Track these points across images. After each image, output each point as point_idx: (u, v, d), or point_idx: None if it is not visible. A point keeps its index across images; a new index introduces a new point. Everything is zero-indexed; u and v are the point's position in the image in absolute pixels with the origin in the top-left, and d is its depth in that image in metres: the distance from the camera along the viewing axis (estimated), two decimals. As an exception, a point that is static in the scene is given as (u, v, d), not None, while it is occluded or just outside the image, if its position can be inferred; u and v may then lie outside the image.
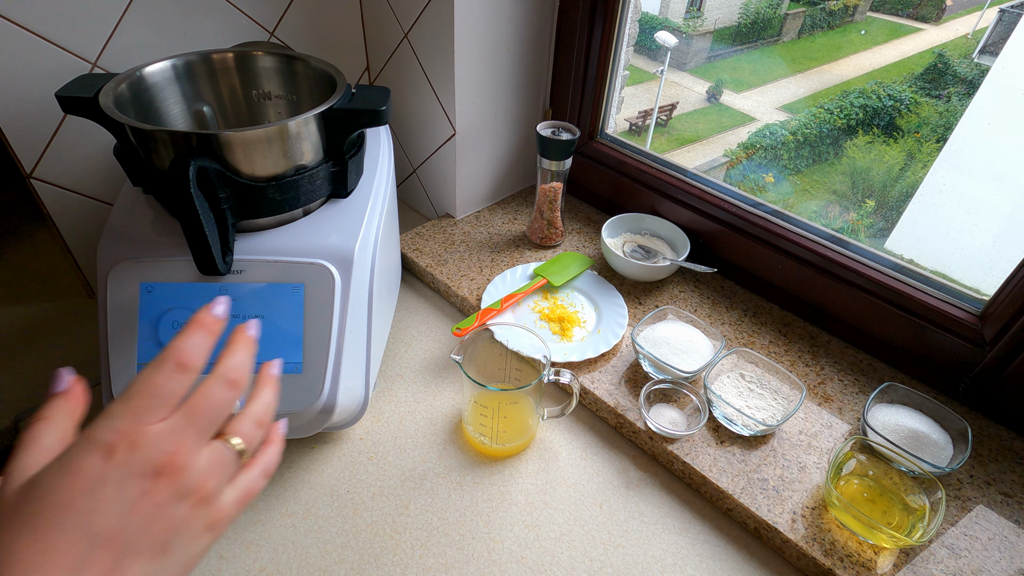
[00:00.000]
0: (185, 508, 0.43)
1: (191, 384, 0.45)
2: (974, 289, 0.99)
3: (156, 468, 0.41)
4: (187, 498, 0.43)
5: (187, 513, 0.43)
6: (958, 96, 1.89)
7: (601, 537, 0.85)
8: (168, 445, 0.42)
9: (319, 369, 0.80)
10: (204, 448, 0.45)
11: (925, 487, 0.82)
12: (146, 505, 0.41)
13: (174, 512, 0.42)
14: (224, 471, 0.46)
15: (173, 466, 0.42)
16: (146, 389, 0.43)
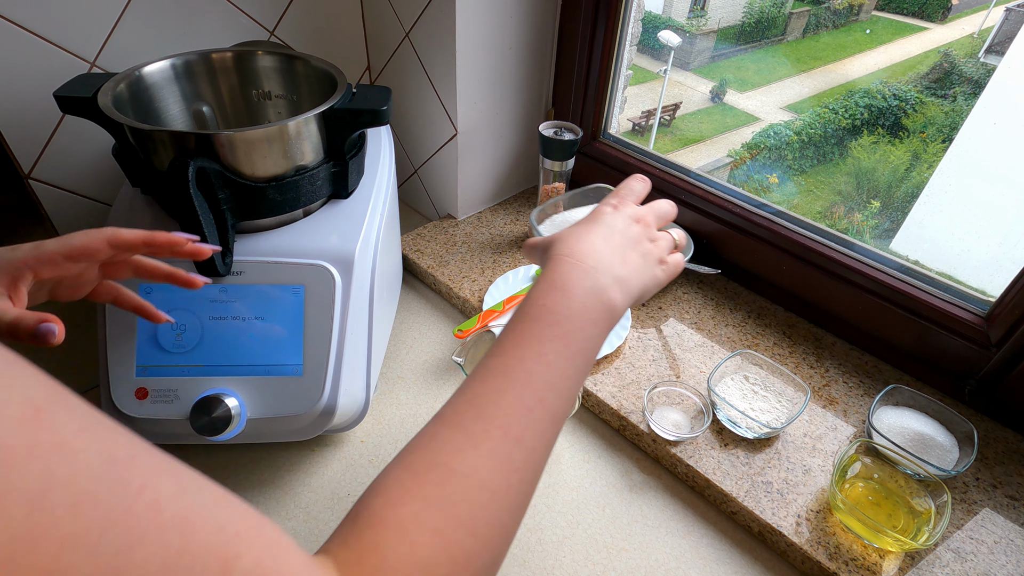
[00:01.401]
0: (649, 244, 0.68)
1: (647, 191, 0.74)
2: (980, 291, 0.98)
3: (637, 218, 0.69)
4: (651, 240, 0.68)
5: (650, 247, 0.68)
6: (964, 96, 1.88)
7: (604, 541, 0.84)
8: (640, 212, 0.70)
9: (319, 371, 0.80)
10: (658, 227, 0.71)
11: (930, 490, 0.82)
12: (634, 231, 0.67)
13: (645, 242, 0.68)
14: (666, 242, 0.71)
15: (644, 220, 0.69)
16: (625, 186, 0.72)
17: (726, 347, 1.07)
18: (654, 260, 0.68)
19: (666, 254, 0.70)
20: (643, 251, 0.67)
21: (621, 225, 0.67)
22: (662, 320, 1.12)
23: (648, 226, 0.70)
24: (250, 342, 0.79)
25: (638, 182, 0.74)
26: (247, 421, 0.78)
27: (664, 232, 0.72)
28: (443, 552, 0.43)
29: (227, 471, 0.90)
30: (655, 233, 0.70)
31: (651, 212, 0.71)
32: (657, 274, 0.68)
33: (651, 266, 0.67)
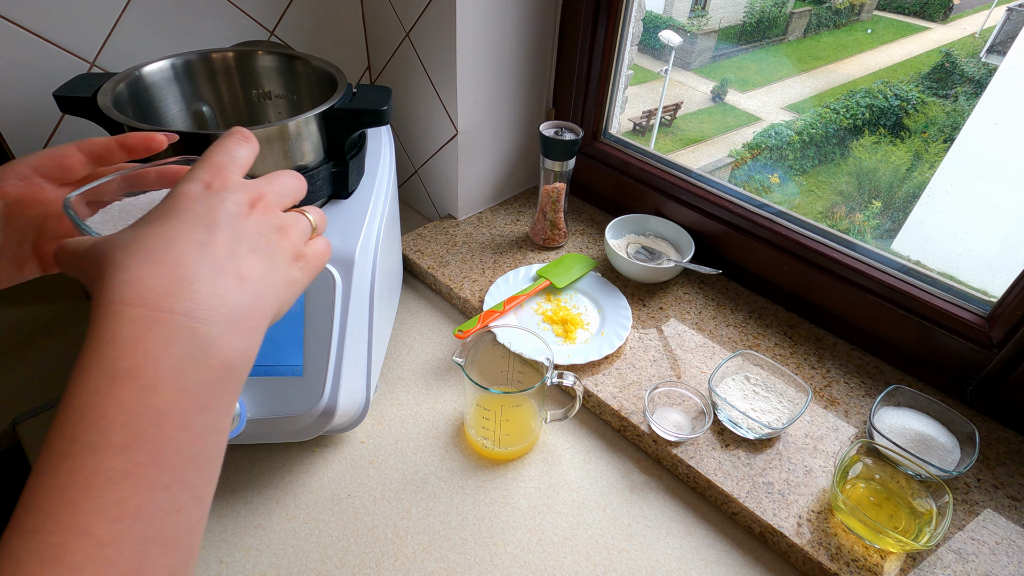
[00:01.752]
0: (277, 236, 0.49)
1: (255, 157, 0.52)
2: (981, 291, 0.98)
3: (251, 200, 0.48)
4: (277, 230, 0.49)
5: (280, 240, 0.49)
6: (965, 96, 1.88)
7: (605, 541, 0.84)
8: (255, 189, 0.49)
9: (320, 372, 0.79)
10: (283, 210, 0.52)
11: (932, 491, 0.81)
12: (249, 222, 0.46)
13: (271, 235, 0.48)
14: (301, 228, 0.52)
15: (263, 202, 0.49)
16: (222, 151, 0.50)
17: (727, 347, 1.07)
18: (286, 258, 0.49)
19: (303, 244, 0.52)
20: (268, 250, 0.47)
21: (225, 216, 0.45)
22: (663, 320, 1.12)
23: (268, 209, 0.49)
24: (250, 342, 0.79)
25: (240, 143, 0.51)
26: (247, 422, 0.78)
27: (293, 213, 0.53)
28: None
29: (227, 472, 0.90)
30: (281, 217, 0.50)
31: (269, 187, 0.50)
32: (294, 277, 0.50)
33: (283, 268, 0.49)
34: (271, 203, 0.49)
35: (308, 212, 0.54)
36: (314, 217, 0.54)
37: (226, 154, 0.49)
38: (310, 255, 0.52)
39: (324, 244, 0.54)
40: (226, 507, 0.85)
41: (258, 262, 0.46)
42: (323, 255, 0.54)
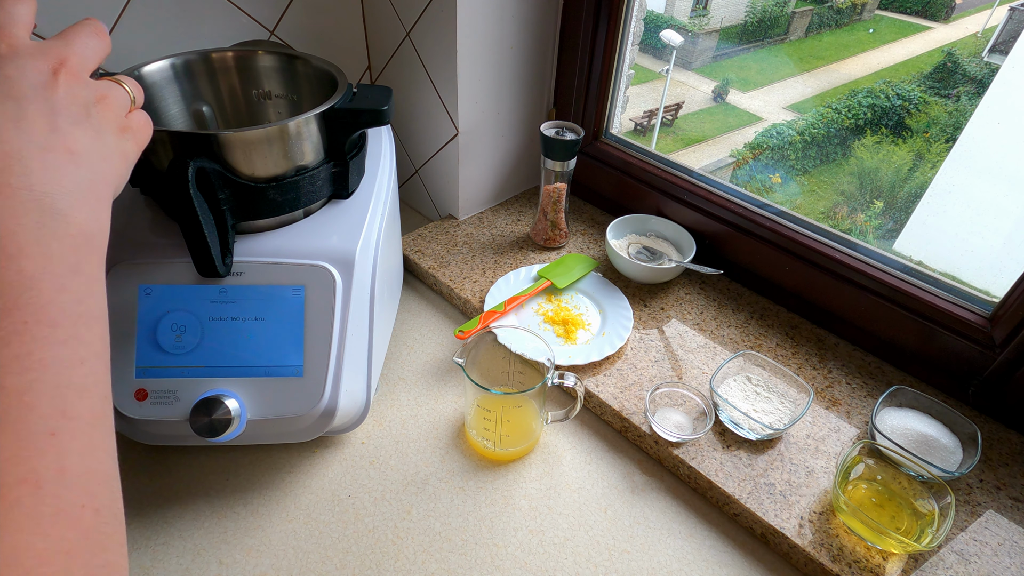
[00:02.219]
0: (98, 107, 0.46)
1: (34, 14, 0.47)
2: (984, 291, 0.98)
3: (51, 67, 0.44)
4: (96, 102, 0.46)
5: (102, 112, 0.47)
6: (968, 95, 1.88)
7: (606, 543, 0.84)
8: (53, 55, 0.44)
9: (320, 372, 0.79)
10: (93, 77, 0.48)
11: (934, 492, 0.81)
12: (56, 87, 0.43)
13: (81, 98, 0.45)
14: (119, 99, 0.49)
15: (67, 68, 0.44)
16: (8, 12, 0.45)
17: (729, 348, 1.07)
18: (113, 130, 0.48)
19: (124, 117, 0.50)
20: (91, 122, 0.45)
21: (30, 86, 0.42)
22: (664, 321, 1.12)
23: (76, 76, 0.45)
24: (250, 343, 0.79)
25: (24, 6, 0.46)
26: (247, 423, 0.78)
27: (107, 82, 0.50)
28: None
29: (227, 473, 0.90)
30: (96, 86, 0.48)
31: (68, 49, 0.46)
32: (126, 149, 0.49)
33: (112, 140, 0.47)
34: (76, 68, 0.46)
35: (124, 82, 0.51)
36: (130, 87, 0.52)
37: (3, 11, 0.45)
38: (135, 127, 0.51)
39: (144, 117, 0.53)
40: (226, 508, 0.85)
41: (84, 135, 0.44)
42: (147, 127, 0.53)
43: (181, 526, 0.83)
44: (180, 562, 0.79)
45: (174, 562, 0.79)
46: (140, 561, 0.79)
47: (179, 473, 0.89)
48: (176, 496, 0.86)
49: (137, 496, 0.86)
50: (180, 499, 0.86)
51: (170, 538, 0.82)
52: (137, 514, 0.84)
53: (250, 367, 0.78)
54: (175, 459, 0.91)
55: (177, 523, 0.83)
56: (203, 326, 0.78)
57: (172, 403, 0.77)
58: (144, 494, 0.86)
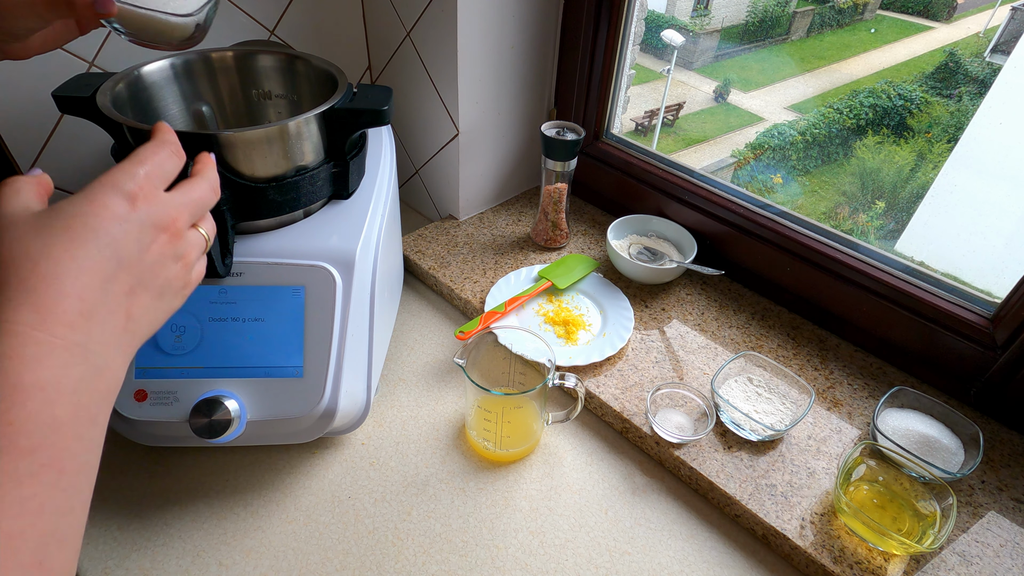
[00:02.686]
0: (176, 267, 0.52)
1: (181, 165, 0.55)
2: (986, 292, 0.98)
3: (164, 225, 0.50)
4: (178, 260, 0.52)
5: (176, 271, 0.52)
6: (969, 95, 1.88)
7: (607, 544, 0.84)
8: (173, 211, 0.51)
9: (320, 373, 0.79)
10: (191, 228, 0.55)
11: (936, 493, 0.81)
12: (154, 252, 0.49)
13: (170, 266, 0.51)
14: (199, 251, 0.56)
15: (175, 229, 0.51)
16: (154, 162, 0.51)
17: (730, 349, 1.07)
18: (175, 291, 0.53)
19: (194, 273, 0.56)
20: (161, 287, 0.51)
21: (137, 249, 0.47)
22: (665, 322, 1.12)
23: (178, 236, 0.52)
24: (250, 344, 0.78)
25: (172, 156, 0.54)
26: (247, 423, 0.78)
27: (194, 233, 0.55)
28: None
29: (227, 474, 0.89)
30: (185, 244, 0.53)
31: (185, 208, 0.53)
32: (174, 306, 0.54)
33: (168, 301, 0.52)
34: (181, 228, 0.52)
35: (202, 226, 0.57)
36: (207, 231, 0.57)
37: (158, 166, 0.51)
38: (193, 281, 0.56)
39: (203, 265, 0.58)
40: (226, 509, 0.85)
41: (149, 302, 0.49)
42: (200, 277, 0.58)
43: (180, 527, 0.83)
44: (180, 563, 0.79)
45: (173, 563, 0.79)
46: (139, 563, 0.79)
47: (178, 474, 0.89)
48: (176, 497, 0.86)
49: (136, 497, 0.86)
50: (180, 500, 0.86)
51: (169, 539, 0.81)
52: (136, 515, 0.84)
53: (250, 368, 0.78)
54: (175, 460, 0.90)
55: (176, 524, 0.83)
56: (203, 327, 0.78)
57: (172, 404, 0.77)
58: (143, 495, 0.86)
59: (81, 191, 0.47)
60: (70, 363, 0.42)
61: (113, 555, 0.79)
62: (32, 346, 0.40)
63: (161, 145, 0.53)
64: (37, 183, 0.50)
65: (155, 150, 0.52)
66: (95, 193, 0.46)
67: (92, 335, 0.44)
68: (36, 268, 0.42)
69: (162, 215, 0.50)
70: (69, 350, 0.42)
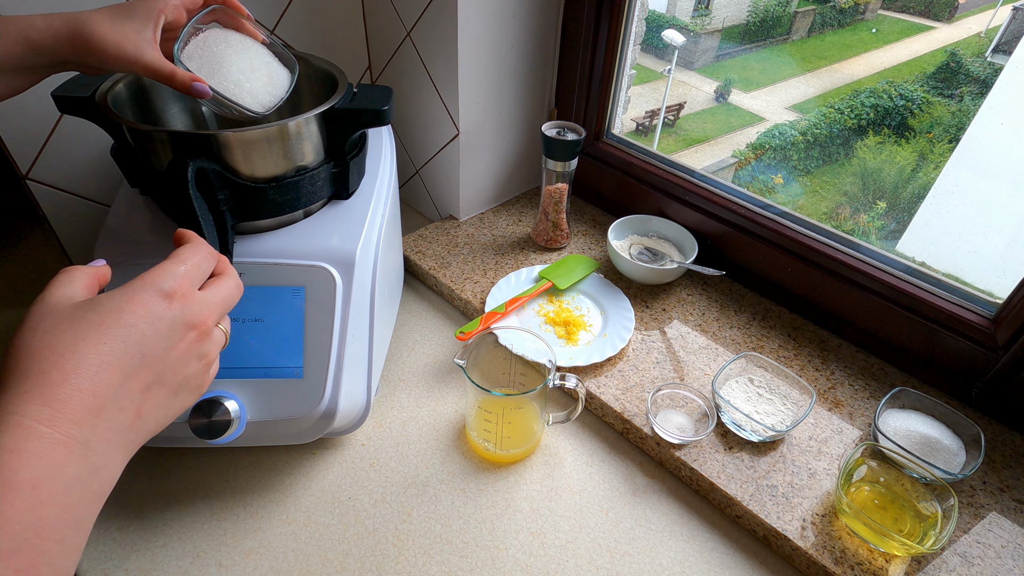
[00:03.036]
0: (198, 366, 0.53)
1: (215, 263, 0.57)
2: (987, 292, 0.98)
3: (195, 324, 0.51)
4: (201, 359, 0.53)
5: (197, 370, 0.53)
6: (971, 96, 1.87)
7: (607, 545, 0.84)
8: (206, 311, 0.53)
9: (320, 374, 0.79)
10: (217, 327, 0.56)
11: (937, 494, 0.81)
12: (180, 350, 0.50)
13: (192, 364, 0.52)
14: (219, 350, 0.57)
15: (205, 328, 0.52)
16: (194, 262, 0.53)
17: (731, 349, 1.07)
18: (191, 390, 0.53)
19: (211, 372, 0.56)
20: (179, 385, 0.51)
21: (162, 348, 0.49)
22: (666, 322, 1.11)
23: (206, 335, 0.53)
24: (250, 344, 0.78)
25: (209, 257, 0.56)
26: (247, 424, 0.78)
27: (218, 332, 0.56)
28: None
29: (226, 474, 0.89)
30: (211, 343, 0.55)
31: (217, 309, 0.55)
32: (185, 404, 0.53)
33: (182, 399, 0.53)
34: (210, 327, 0.54)
35: (222, 325, 0.57)
36: (226, 328, 0.58)
37: (196, 266, 0.54)
38: (208, 380, 0.56)
39: (218, 365, 0.58)
40: (225, 510, 0.85)
41: (164, 397, 0.50)
42: (214, 376, 0.57)
43: (180, 528, 0.83)
44: (179, 564, 0.79)
45: (173, 564, 0.79)
46: (139, 564, 0.79)
47: (178, 475, 0.89)
48: (175, 498, 0.86)
49: (136, 498, 0.86)
50: (179, 501, 0.86)
51: (169, 540, 0.81)
52: (136, 516, 0.84)
53: (250, 368, 0.78)
54: (174, 461, 0.90)
55: (176, 525, 0.83)
56: (202, 327, 0.78)
57: (171, 404, 0.77)
58: (143, 496, 0.86)
59: (123, 287, 0.48)
60: (68, 461, 0.41)
61: (113, 556, 0.79)
62: (35, 440, 0.40)
63: (199, 245, 0.56)
64: (94, 275, 0.52)
65: (194, 251, 0.55)
66: (135, 291, 0.48)
67: (96, 432, 0.43)
68: (59, 361, 0.43)
69: (195, 314, 0.51)
70: (70, 447, 0.41)
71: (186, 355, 0.51)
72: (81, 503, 0.42)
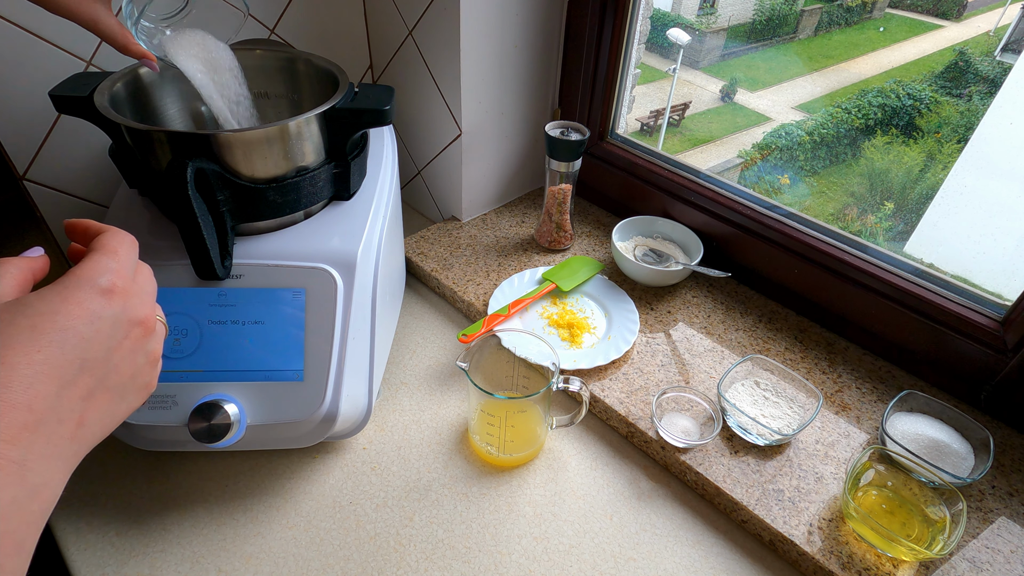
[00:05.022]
0: (143, 363, 0.48)
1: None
2: (996, 294, 0.97)
3: (139, 320, 0.47)
4: (147, 354, 0.49)
5: (143, 368, 0.49)
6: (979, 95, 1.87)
7: (611, 550, 0.83)
8: (147, 303, 0.49)
9: (321, 377, 0.79)
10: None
11: (946, 498, 0.80)
12: (124, 349, 0.46)
13: (136, 362, 0.47)
14: (162, 344, 0.52)
15: (148, 322, 0.48)
16: (124, 250, 0.48)
17: (736, 352, 1.06)
18: (137, 390, 0.49)
19: (157, 369, 0.52)
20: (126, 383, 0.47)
21: (106, 345, 0.44)
22: (671, 324, 1.11)
23: (149, 331, 0.49)
24: (250, 347, 0.78)
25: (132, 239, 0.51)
26: (247, 428, 0.77)
27: (160, 327, 0.52)
28: None
29: (226, 478, 0.89)
30: (155, 340, 0.50)
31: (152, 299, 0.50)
32: (132, 406, 0.49)
33: (128, 402, 0.48)
34: (152, 322, 0.49)
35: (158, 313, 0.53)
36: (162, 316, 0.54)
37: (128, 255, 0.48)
38: (155, 378, 0.51)
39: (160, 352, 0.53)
40: (225, 515, 0.85)
41: (108, 403, 0.45)
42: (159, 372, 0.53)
43: (179, 533, 0.82)
44: (178, 569, 0.78)
45: (172, 570, 0.78)
46: (138, 569, 0.78)
47: (177, 479, 0.88)
48: (174, 502, 0.86)
49: (135, 503, 0.85)
50: (178, 505, 0.85)
51: (168, 545, 0.81)
52: (135, 521, 0.83)
53: (250, 371, 0.78)
54: (173, 465, 0.90)
55: (175, 530, 0.83)
56: (202, 329, 0.78)
57: (170, 408, 0.77)
58: (142, 500, 0.86)
59: (54, 284, 0.43)
60: (3, 484, 0.37)
61: (111, 561, 0.79)
62: None
63: (119, 233, 0.50)
64: (27, 268, 0.48)
65: (119, 239, 0.49)
66: (70, 289, 0.43)
67: (33, 449, 0.39)
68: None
69: (137, 308, 0.47)
70: (4, 469, 0.37)
71: (131, 354, 0.47)
72: (20, 527, 0.38)
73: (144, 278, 0.50)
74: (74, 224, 0.52)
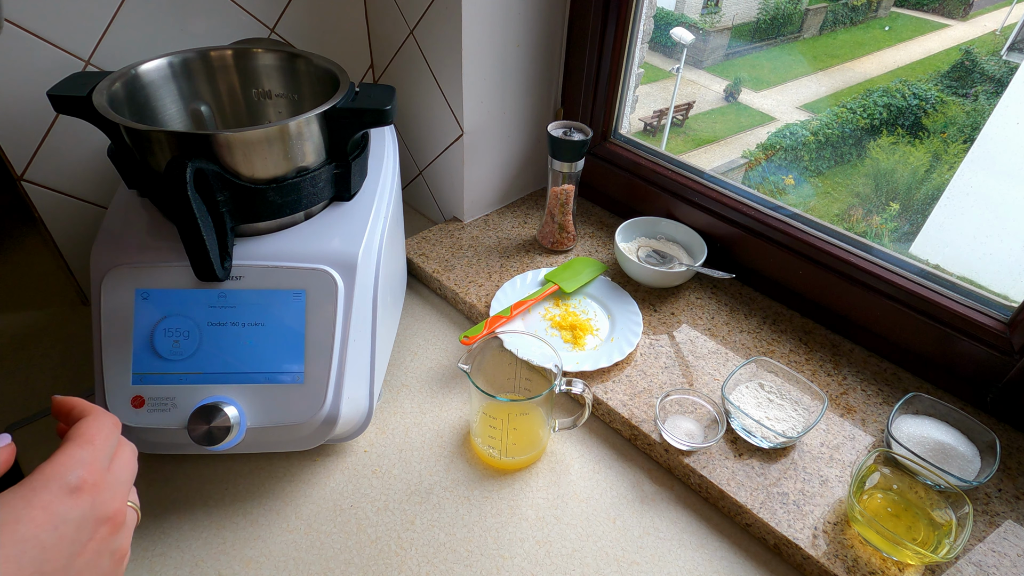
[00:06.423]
0: (107, 564, 0.45)
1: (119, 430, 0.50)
2: (1002, 296, 0.97)
3: (107, 516, 0.44)
4: (113, 554, 0.46)
5: (106, 569, 0.45)
6: (986, 95, 1.86)
7: (615, 554, 0.83)
8: (119, 496, 0.46)
9: (321, 379, 0.78)
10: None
11: (952, 501, 0.80)
12: (89, 551, 0.43)
13: (100, 565, 0.45)
14: (128, 540, 0.49)
15: (118, 517, 0.46)
16: (102, 438, 0.46)
17: (740, 354, 1.06)
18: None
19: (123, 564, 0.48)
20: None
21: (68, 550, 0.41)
22: (675, 326, 1.10)
23: (118, 528, 0.46)
24: (250, 349, 0.78)
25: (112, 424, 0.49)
26: (247, 430, 0.77)
27: (131, 512, 0.50)
28: None
29: (226, 482, 0.89)
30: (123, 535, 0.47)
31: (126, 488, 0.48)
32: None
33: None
34: (123, 517, 0.47)
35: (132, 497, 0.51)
36: (135, 502, 0.52)
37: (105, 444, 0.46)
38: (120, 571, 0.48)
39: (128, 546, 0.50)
40: (225, 518, 0.84)
41: None
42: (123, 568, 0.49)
43: (179, 536, 0.82)
44: (178, 573, 0.78)
45: (171, 573, 0.78)
46: (137, 573, 0.78)
47: (177, 482, 0.88)
48: (174, 506, 0.85)
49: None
50: (178, 509, 0.85)
51: (168, 548, 0.81)
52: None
53: (250, 373, 0.77)
54: (173, 468, 0.90)
55: (175, 533, 0.82)
56: (201, 331, 0.77)
57: (170, 410, 0.77)
58: (141, 504, 0.85)
59: (21, 485, 0.41)
60: None
61: (110, 565, 0.78)
62: None
63: (101, 416, 0.48)
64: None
65: (98, 424, 0.47)
66: (35, 491, 0.41)
67: None
68: None
69: (107, 503, 0.45)
70: None
71: (96, 556, 0.44)
72: None
73: (120, 465, 0.48)
74: (60, 403, 0.51)
